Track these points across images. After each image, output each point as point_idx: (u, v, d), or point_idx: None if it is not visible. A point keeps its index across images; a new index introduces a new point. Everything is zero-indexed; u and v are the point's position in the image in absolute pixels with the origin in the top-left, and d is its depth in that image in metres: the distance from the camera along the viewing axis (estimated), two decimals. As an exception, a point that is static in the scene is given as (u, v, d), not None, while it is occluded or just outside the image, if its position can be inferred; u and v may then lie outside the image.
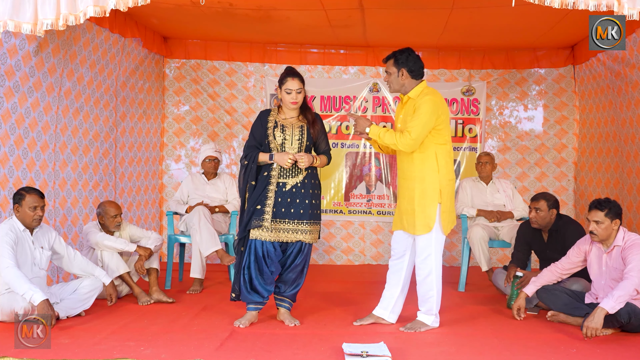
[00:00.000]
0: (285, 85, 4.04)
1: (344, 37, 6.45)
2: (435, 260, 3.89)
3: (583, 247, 4.19)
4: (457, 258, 6.88)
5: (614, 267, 3.97)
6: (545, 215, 4.70)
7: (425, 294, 3.94)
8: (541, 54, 6.80)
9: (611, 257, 4.01)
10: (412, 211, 3.89)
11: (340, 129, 6.98)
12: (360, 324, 4.06)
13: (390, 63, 3.95)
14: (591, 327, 3.65)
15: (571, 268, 4.27)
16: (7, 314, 3.91)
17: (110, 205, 4.86)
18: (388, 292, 4.10)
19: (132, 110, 6.31)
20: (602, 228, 3.97)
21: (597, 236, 4.00)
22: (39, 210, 4.04)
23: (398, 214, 4.06)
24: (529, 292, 4.28)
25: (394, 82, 3.97)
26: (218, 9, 5.42)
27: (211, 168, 5.73)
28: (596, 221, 3.97)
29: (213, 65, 6.97)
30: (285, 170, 4.03)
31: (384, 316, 4.08)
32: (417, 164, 3.88)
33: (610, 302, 3.70)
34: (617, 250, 3.97)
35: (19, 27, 3.76)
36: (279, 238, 4.00)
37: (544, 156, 6.89)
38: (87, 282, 4.29)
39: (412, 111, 3.87)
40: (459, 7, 5.15)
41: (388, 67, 3.98)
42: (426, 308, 3.96)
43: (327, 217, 6.93)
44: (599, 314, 3.68)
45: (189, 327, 3.97)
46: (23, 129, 4.59)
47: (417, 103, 3.86)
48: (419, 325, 3.94)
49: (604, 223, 3.96)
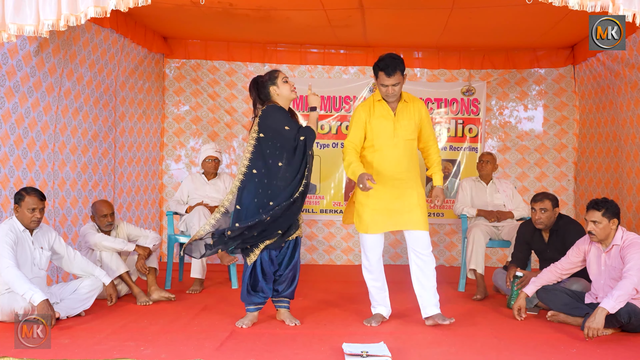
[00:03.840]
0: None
1: (344, 37, 6.45)
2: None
3: (582, 247, 4.20)
4: (457, 258, 6.88)
5: (613, 266, 3.98)
6: (551, 214, 4.70)
7: (434, 286, 4.08)
8: (541, 54, 6.80)
9: (610, 256, 4.01)
10: (416, 207, 4.03)
11: (340, 129, 6.98)
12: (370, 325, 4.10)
13: (399, 74, 3.95)
14: (592, 328, 3.65)
15: (571, 268, 4.27)
16: (7, 314, 3.91)
17: (101, 205, 4.85)
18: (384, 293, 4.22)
19: (132, 110, 6.31)
20: (600, 228, 3.97)
21: (596, 236, 4.00)
22: (37, 212, 4.03)
23: (386, 214, 4.05)
24: (529, 292, 4.29)
25: (398, 91, 4.03)
26: (218, 9, 5.42)
27: (211, 168, 5.73)
28: (594, 221, 3.98)
29: (213, 65, 6.97)
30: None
31: (387, 315, 4.23)
32: (414, 164, 4.12)
33: (611, 301, 3.70)
34: (615, 250, 3.98)
35: (21, 30, 3.76)
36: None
37: (544, 156, 6.89)
38: (87, 282, 4.29)
39: (413, 115, 4.09)
40: (459, 7, 5.15)
41: (396, 79, 3.94)
42: (437, 299, 4.09)
43: (327, 217, 6.94)
44: (599, 314, 3.68)
45: (189, 327, 3.97)
46: (23, 129, 4.59)
47: (418, 108, 4.13)
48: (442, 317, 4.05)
49: (601, 223, 3.96)
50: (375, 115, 4.07)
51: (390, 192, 4.03)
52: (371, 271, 4.15)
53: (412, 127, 4.08)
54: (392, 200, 4.03)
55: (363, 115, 4.08)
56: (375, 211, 4.04)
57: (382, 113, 4.07)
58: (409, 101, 4.12)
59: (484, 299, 4.98)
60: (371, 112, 4.09)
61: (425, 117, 4.17)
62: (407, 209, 4.04)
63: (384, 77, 3.94)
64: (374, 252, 4.11)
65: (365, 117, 4.08)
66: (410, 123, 4.08)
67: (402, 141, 4.05)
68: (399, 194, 4.04)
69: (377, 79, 4.00)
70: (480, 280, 5.11)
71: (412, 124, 4.09)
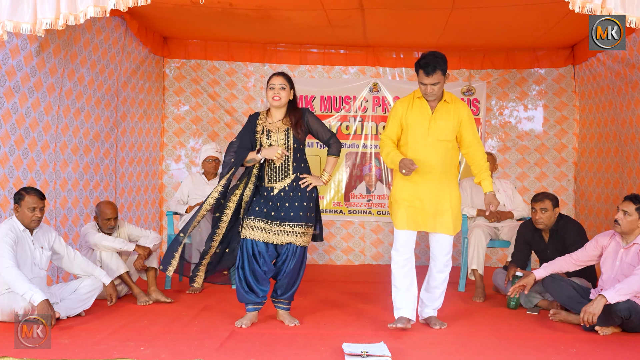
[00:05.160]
0: (269, 82, 4.07)
1: (344, 37, 6.45)
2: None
3: (601, 241, 4.19)
4: (457, 258, 6.85)
5: (628, 263, 3.98)
6: (551, 214, 4.70)
7: (442, 291, 4.06)
8: (541, 54, 6.80)
9: (628, 253, 4.01)
10: (448, 211, 3.94)
11: (340, 129, 6.98)
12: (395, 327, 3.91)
13: (439, 74, 3.79)
14: (589, 312, 3.70)
15: (586, 260, 4.27)
16: (7, 314, 3.91)
17: (106, 207, 4.84)
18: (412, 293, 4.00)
19: (133, 111, 6.31)
20: (628, 220, 3.96)
21: (620, 226, 3.99)
22: (37, 211, 4.03)
23: (422, 214, 3.93)
24: (539, 275, 4.29)
25: (437, 91, 3.87)
26: (218, 9, 5.42)
27: (212, 168, 5.73)
28: (625, 211, 3.97)
29: (213, 65, 6.98)
30: (272, 174, 4.05)
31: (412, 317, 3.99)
32: (448, 166, 3.96)
33: (612, 292, 3.74)
34: (635, 248, 3.97)
35: (17, 28, 3.76)
36: (269, 239, 3.99)
37: (544, 156, 6.89)
38: (87, 282, 4.29)
39: (452, 116, 3.92)
40: (459, 7, 5.15)
41: (435, 78, 3.79)
42: (438, 303, 4.08)
43: (327, 217, 6.93)
44: (598, 300, 3.73)
45: (189, 327, 3.97)
46: (24, 129, 4.59)
47: (459, 109, 3.95)
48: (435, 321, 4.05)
49: (632, 216, 3.96)
50: (413, 112, 3.94)
51: (423, 191, 3.92)
52: (402, 265, 3.95)
53: (449, 128, 3.92)
54: (425, 199, 3.91)
55: (400, 110, 3.98)
56: (411, 208, 3.93)
57: (420, 110, 3.94)
58: (450, 102, 3.95)
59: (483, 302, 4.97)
60: (409, 108, 3.96)
61: (466, 119, 3.95)
62: (438, 211, 3.92)
63: (423, 76, 3.80)
64: (405, 246, 3.95)
65: (402, 112, 3.96)
66: (448, 124, 3.91)
67: (436, 141, 3.90)
68: (432, 194, 3.91)
69: (418, 76, 3.85)
70: (479, 281, 5.11)
71: (450, 125, 3.91)
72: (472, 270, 5.19)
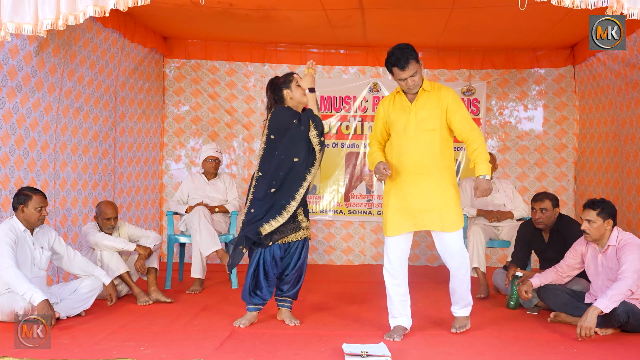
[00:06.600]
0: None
1: (344, 37, 6.45)
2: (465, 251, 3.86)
3: (579, 249, 4.20)
4: (457, 258, 6.87)
5: (610, 267, 3.98)
6: (551, 214, 4.70)
7: (467, 289, 3.87)
8: (541, 54, 6.80)
9: (607, 257, 4.01)
10: (439, 206, 3.71)
11: (340, 128, 6.98)
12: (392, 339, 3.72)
13: (414, 64, 3.63)
14: (584, 327, 3.65)
15: (570, 270, 4.27)
16: (7, 314, 3.91)
17: (106, 207, 4.84)
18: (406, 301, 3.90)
19: (132, 110, 6.32)
20: (594, 227, 3.96)
21: (590, 235, 4.00)
22: (44, 210, 4.05)
23: (407, 214, 3.76)
24: (534, 283, 4.30)
25: (418, 81, 3.71)
26: (218, 9, 5.43)
27: (212, 168, 5.73)
28: (588, 220, 3.97)
29: (213, 65, 6.98)
30: None
31: (408, 326, 3.88)
32: (439, 158, 3.74)
33: (604, 301, 3.71)
34: (611, 250, 3.97)
35: (19, 29, 3.77)
36: (290, 239, 4.01)
37: (544, 156, 6.89)
38: (87, 282, 4.29)
39: (435, 104, 3.72)
40: (459, 7, 5.16)
41: (412, 70, 3.63)
42: (467, 301, 3.91)
43: (327, 217, 6.94)
44: (591, 313, 3.68)
45: (189, 327, 3.97)
46: (24, 129, 4.59)
47: (442, 95, 3.73)
48: (466, 321, 3.94)
49: (596, 222, 3.96)
50: (395, 108, 3.81)
51: (409, 189, 3.73)
52: (394, 275, 3.81)
53: (432, 117, 3.70)
54: (411, 198, 3.73)
55: (382, 109, 3.89)
56: (395, 211, 3.77)
57: (400, 105, 3.79)
58: (431, 90, 3.75)
59: (486, 298, 4.97)
60: (390, 105, 3.83)
61: (452, 104, 3.72)
62: (428, 207, 3.70)
63: (399, 72, 3.64)
64: (395, 255, 3.80)
65: (384, 111, 3.86)
66: (431, 112, 3.70)
67: (420, 133, 3.70)
68: (419, 191, 3.71)
69: (393, 75, 3.71)
70: (482, 278, 5.11)
71: (433, 113, 3.70)
72: (473, 269, 5.17)
